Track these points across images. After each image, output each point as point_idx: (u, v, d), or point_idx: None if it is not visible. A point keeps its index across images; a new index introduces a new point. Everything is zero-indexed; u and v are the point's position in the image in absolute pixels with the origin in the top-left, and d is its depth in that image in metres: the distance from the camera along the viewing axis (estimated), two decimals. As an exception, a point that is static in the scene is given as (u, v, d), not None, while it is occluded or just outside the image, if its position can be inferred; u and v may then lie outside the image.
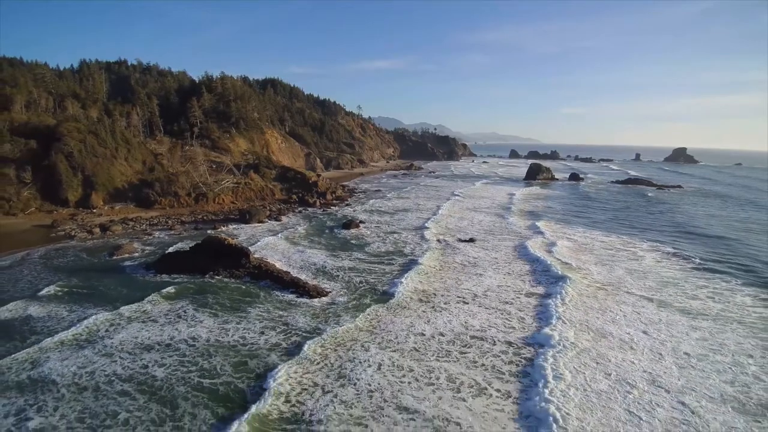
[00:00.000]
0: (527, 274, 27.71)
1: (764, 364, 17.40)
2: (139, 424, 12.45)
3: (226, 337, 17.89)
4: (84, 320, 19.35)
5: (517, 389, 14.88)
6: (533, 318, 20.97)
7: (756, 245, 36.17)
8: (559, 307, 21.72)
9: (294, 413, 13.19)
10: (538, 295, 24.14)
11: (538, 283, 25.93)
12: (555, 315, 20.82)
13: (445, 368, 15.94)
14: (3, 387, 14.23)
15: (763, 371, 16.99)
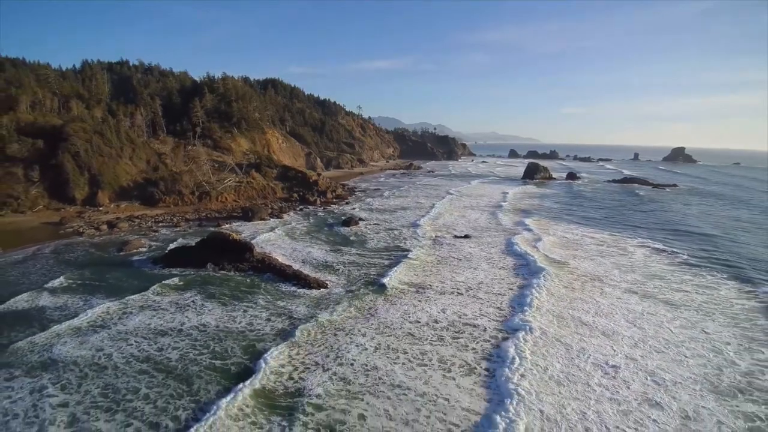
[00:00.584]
0: (511, 268, 28.80)
1: (740, 351, 18.45)
2: (159, 398, 13.66)
3: (234, 324, 19.11)
4: (97, 308, 20.60)
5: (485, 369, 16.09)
6: (510, 307, 22.05)
7: (742, 243, 37.25)
8: (536, 297, 22.77)
9: (297, 388, 14.43)
10: (517, 286, 25.23)
11: (518, 276, 26.99)
12: (531, 304, 21.86)
13: (437, 351, 17.11)
14: (26, 367, 15.41)
15: (738, 357, 18.06)
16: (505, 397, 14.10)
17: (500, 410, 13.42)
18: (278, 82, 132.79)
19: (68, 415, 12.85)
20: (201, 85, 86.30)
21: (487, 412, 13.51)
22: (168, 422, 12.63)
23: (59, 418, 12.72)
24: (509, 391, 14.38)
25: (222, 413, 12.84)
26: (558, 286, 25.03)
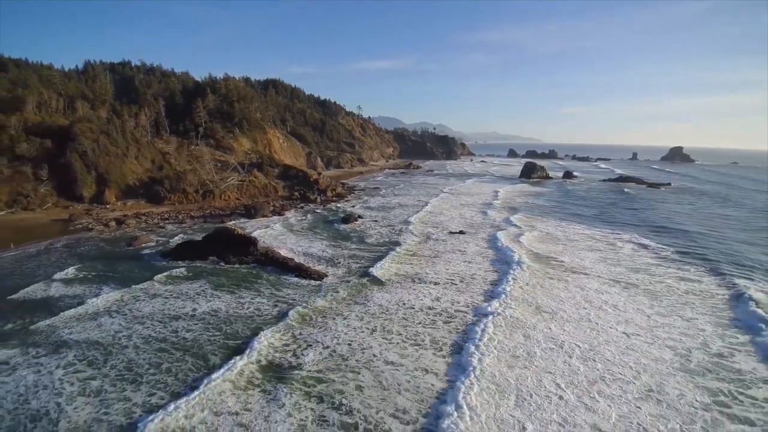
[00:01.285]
0: (491, 261, 30.27)
1: (714, 336, 19.70)
2: (179, 371, 15.18)
3: (242, 310, 20.64)
4: (111, 295, 22.09)
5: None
6: (483, 294, 23.55)
7: (726, 239, 38.45)
8: (509, 287, 24.21)
9: (298, 363, 15.94)
10: (492, 277, 26.75)
11: (496, 268, 28.39)
12: (504, 293, 23.33)
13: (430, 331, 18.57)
14: (51, 347, 16.86)
15: (711, 341, 19.35)
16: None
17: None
18: (279, 83, 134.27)
19: (97, 386, 14.31)
20: (203, 86, 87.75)
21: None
22: (189, 391, 14.14)
23: (89, 389, 14.17)
24: (469, 362, 16.02)
25: (230, 384, 14.32)
26: (535, 277, 26.45)
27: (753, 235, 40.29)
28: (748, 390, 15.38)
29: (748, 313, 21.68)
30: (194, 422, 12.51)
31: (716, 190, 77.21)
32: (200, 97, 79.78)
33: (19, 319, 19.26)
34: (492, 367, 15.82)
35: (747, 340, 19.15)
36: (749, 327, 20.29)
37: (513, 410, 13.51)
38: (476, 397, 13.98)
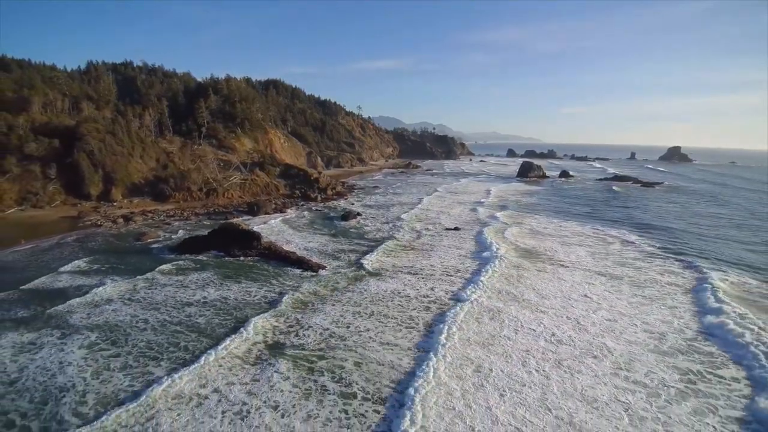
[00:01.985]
0: (473, 253, 31.96)
1: (690, 322, 21.07)
2: (197, 349, 16.65)
3: (250, 297, 22.16)
4: (125, 284, 23.56)
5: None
6: (462, 283, 25.16)
7: (708, 236, 39.72)
8: (483, 276, 25.81)
9: (301, 343, 17.43)
10: (473, 267, 28.37)
11: (475, 259, 30.10)
12: (479, 282, 24.88)
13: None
14: (73, 328, 18.31)
15: (687, 326, 20.75)
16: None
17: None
18: (279, 83, 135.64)
19: (122, 362, 15.77)
20: (205, 87, 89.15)
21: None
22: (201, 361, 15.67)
23: (113, 364, 15.63)
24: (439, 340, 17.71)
25: (240, 360, 15.79)
26: (516, 268, 28.08)
27: (729, 232, 41.52)
28: (717, 370, 16.71)
29: (711, 300, 23.12)
30: (207, 390, 13.96)
31: (707, 189, 78.59)
32: (202, 97, 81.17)
33: (39, 306, 20.69)
34: (458, 344, 17.42)
35: (708, 324, 20.54)
36: (706, 312, 21.82)
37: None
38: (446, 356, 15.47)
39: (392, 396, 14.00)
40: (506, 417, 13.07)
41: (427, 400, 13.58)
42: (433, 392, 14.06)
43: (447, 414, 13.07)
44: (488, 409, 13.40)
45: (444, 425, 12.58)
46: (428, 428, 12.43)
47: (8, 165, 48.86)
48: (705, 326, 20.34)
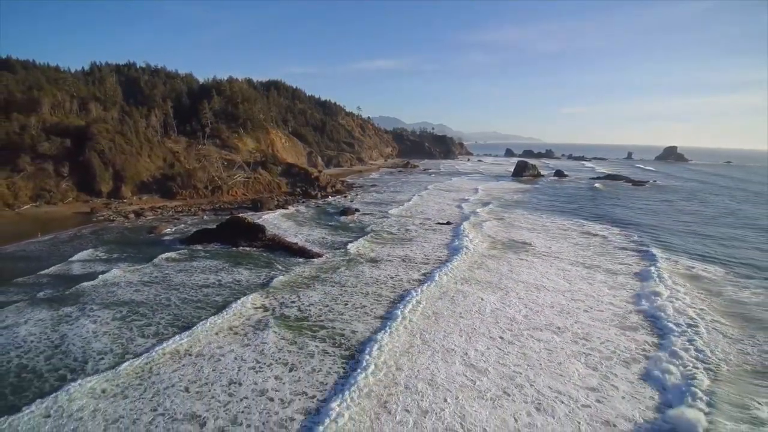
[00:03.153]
0: (449, 241, 34.90)
1: (655, 302, 23.32)
2: (215, 325, 18.99)
3: (260, 279, 24.81)
4: (144, 269, 26.06)
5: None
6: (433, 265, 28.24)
7: (675, 229, 42.29)
8: (455, 262, 28.68)
9: (303, 315, 20.02)
10: (444, 255, 31.19)
11: (448, 249, 32.88)
12: (448, 265, 27.83)
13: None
14: (102, 305, 20.78)
15: (652, 306, 22.95)
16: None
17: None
18: (280, 84, 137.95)
19: (153, 330, 18.33)
20: (209, 88, 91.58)
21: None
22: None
23: (146, 332, 18.19)
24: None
25: (252, 328, 18.34)
26: (481, 256, 30.91)
27: (695, 227, 43.50)
28: (662, 341, 19.03)
29: (653, 281, 25.96)
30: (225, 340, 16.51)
31: (691, 188, 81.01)
32: (206, 98, 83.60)
33: (68, 286, 23.10)
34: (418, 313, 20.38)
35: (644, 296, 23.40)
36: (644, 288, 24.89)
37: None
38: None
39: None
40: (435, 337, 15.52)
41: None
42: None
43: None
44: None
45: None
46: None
47: (22, 163, 51.33)
48: (640, 300, 23.16)
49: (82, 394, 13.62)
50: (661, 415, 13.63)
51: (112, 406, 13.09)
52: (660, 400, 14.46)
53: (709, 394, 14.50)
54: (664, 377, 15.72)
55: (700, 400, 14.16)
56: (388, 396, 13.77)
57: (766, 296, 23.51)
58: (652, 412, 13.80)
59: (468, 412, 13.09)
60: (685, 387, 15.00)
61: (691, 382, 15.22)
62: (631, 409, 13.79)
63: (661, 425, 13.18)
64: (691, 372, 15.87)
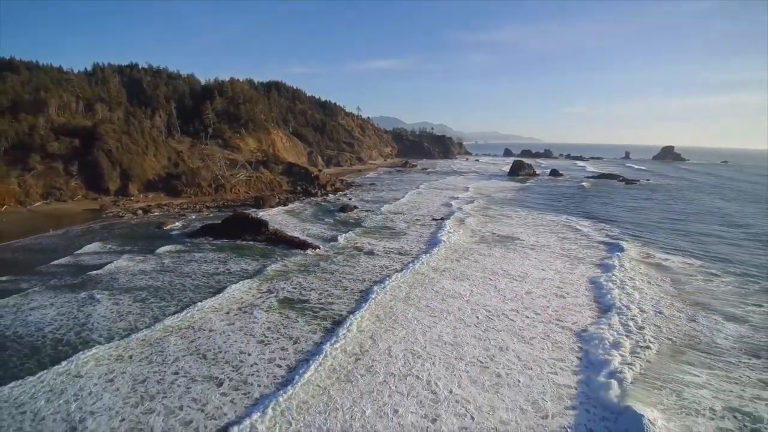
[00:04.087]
0: (431, 236, 37.26)
1: (610, 283, 25.23)
2: (230, 305, 21.10)
3: (266, 269, 26.71)
4: (156, 259, 28.09)
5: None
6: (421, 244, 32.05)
7: (646, 223, 44.60)
8: (432, 251, 31.81)
9: (303, 298, 22.20)
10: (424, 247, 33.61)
11: (430, 240, 35.47)
12: (430, 253, 30.76)
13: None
14: (125, 289, 22.85)
15: (615, 285, 24.83)
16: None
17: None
18: (281, 85, 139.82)
19: (172, 310, 20.40)
20: (211, 89, 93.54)
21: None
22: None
23: (167, 311, 20.30)
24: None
25: (262, 311, 20.34)
26: (461, 246, 33.59)
27: (668, 224, 45.04)
28: (628, 322, 20.99)
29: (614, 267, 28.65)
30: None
31: (678, 186, 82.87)
32: (208, 99, 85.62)
33: (85, 274, 25.12)
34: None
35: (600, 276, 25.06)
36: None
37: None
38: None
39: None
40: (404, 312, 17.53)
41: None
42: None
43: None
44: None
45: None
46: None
47: (33, 162, 53.34)
48: (597, 282, 25.78)
49: (110, 360, 15.66)
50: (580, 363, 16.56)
51: (138, 369, 15.14)
52: (583, 359, 16.98)
53: (629, 362, 16.54)
54: (592, 344, 18.07)
55: (620, 363, 16.40)
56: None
57: (724, 286, 25.19)
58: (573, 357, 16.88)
59: (413, 344, 16.95)
60: (609, 352, 17.23)
61: (616, 349, 17.42)
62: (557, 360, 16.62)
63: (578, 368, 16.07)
64: (618, 341, 18.17)
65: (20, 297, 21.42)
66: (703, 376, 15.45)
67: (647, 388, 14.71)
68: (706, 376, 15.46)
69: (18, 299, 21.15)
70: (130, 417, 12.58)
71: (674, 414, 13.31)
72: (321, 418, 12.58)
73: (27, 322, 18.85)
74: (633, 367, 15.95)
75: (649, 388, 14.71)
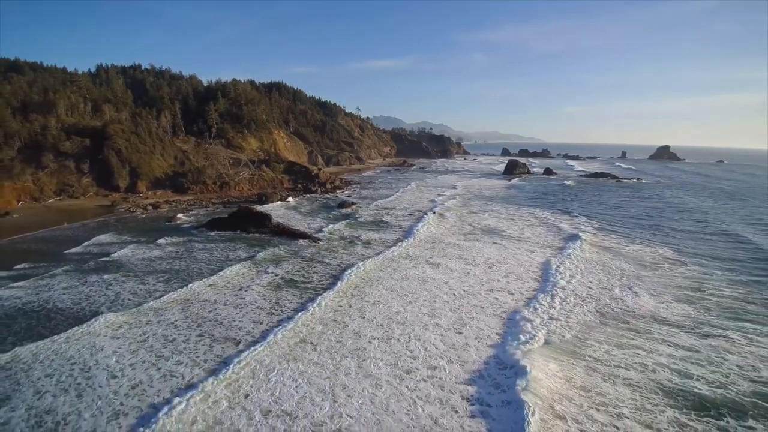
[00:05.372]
0: (410, 227, 40.97)
1: (558, 263, 27.91)
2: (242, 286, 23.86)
3: (273, 256, 29.64)
4: (172, 248, 30.82)
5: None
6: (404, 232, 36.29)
7: (611, 214, 48.16)
8: (410, 238, 35.92)
9: (306, 281, 24.77)
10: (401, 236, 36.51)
11: (405, 232, 38.79)
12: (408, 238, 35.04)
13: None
14: (146, 272, 25.55)
15: (563, 267, 27.71)
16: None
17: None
18: (282, 86, 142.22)
19: (192, 281, 23.18)
20: (214, 90, 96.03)
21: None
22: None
23: (188, 282, 23.13)
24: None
25: (273, 293, 23.02)
26: (439, 233, 37.52)
27: (631, 219, 47.40)
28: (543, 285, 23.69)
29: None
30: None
31: (662, 184, 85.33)
32: (212, 100, 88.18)
33: (109, 259, 27.82)
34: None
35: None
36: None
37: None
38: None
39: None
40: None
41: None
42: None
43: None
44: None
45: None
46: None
47: (46, 161, 55.99)
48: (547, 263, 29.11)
49: (141, 322, 18.45)
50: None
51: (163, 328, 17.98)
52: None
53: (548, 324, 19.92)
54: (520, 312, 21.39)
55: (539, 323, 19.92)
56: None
57: (663, 271, 27.75)
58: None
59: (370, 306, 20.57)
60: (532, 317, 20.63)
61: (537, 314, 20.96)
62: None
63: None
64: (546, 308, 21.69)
65: (50, 279, 24.13)
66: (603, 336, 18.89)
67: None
68: (607, 337, 18.83)
69: (48, 280, 23.84)
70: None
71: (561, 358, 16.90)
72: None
73: (52, 297, 21.55)
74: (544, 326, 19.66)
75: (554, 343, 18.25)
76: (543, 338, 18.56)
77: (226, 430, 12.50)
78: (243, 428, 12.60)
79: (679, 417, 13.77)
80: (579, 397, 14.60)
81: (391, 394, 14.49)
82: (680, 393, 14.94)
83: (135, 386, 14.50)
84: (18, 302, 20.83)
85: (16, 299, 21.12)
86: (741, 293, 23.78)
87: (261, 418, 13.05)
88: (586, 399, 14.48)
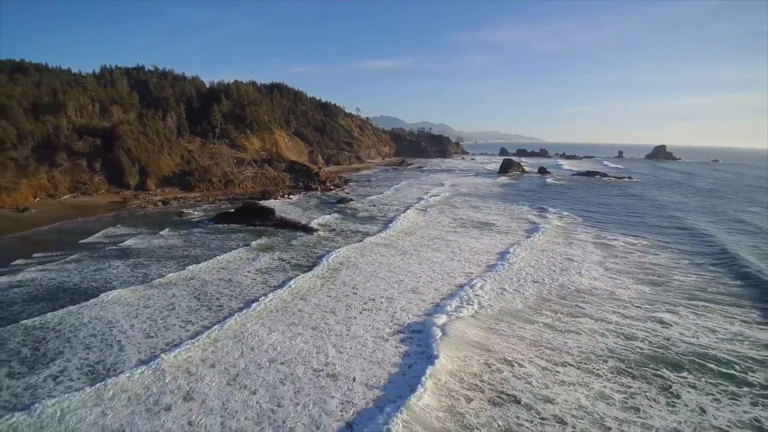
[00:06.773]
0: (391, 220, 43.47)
1: (517, 247, 30.84)
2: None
3: (278, 244, 32.63)
4: (184, 238, 33.71)
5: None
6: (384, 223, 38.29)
7: (595, 211, 50.50)
8: (390, 229, 39.48)
9: (312, 265, 27.67)
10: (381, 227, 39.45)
11: (385, 225, 41.91)
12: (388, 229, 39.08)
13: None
14: (166, 257, 28.45)
15: (511, 250, 30.43)
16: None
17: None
18: (283, 87, 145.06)
19: (205, 263, 25.91)
20: (217, 92, 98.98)
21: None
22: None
23: (201, 263, 25.75)
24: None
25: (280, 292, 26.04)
26: (413, 226, 40.79)
27: (610, 215, 49.60)
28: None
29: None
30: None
31: (650, 183, 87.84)
32: (215, 101, 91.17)
33: (129, 248, 30.67)
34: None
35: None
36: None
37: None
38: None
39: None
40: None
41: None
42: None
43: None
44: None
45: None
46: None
47: (60, 160, 58.87)
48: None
49: (166, 296, 21.36)
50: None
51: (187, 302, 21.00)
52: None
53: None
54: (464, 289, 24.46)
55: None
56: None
57: (635, 259, 30.37)
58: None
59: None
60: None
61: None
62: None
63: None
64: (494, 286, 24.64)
65: (77, 263, 27.06)
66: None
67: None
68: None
69: (75, 264, 26.82)
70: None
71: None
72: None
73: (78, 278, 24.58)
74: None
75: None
76: (498, 308, 21.65)
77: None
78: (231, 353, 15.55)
79: (619, 365, 16.56)
80: (527, 350, 17.50)
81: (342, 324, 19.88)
82: (624, 350, 17.72)
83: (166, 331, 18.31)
84: (46, 280, 23.90)
85: (48, 279, 24.16)
86: (700, 281, 26.23)
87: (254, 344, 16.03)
88: (534, 352, 17.37)
